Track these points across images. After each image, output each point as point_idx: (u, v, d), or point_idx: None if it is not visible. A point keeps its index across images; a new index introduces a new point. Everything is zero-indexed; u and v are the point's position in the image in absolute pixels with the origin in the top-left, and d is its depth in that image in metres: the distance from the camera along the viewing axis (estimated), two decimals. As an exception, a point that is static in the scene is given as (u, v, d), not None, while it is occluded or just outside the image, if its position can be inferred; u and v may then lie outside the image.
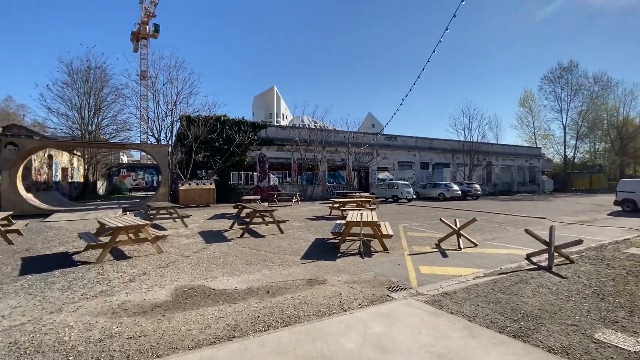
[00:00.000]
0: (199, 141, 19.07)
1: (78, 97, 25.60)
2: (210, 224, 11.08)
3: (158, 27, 61.25)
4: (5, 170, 13.17)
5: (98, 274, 5.30)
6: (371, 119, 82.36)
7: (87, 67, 25.89)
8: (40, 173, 18.55)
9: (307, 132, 24.61)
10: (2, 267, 5.70)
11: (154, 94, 21.05)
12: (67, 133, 25.70)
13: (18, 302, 4.09)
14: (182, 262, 6.06)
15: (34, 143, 14.58)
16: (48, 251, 6.99)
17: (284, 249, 7.27)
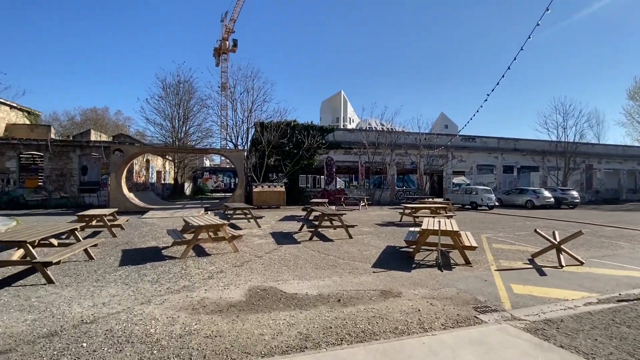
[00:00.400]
0: (271, 146, 19.98)
1: (170, 108, 29.03)
2: (280, 225, 11.37)
3: (236, 42, 66.58)
4: (113, 173, 15.40)
5: (182, 269, 5.68)
6: (444, 119, 77.66)
7: (177, 82, 29.23)
8: (139, 175, 21.38)
9: (375, 134, 24.06)
10: (106, 258, 6.49)
11: (233, 103, 22.78)
12: (161, 140, 29.27)
13: (116, 291, 4.54)
14: (255, 262, 6.20)
15: (135, 149, 16.83)
16: (143, 245, 7.82)
17: (353, 255, 7.00)
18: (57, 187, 18.19)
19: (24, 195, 17.67)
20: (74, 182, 18.43)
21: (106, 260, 6.24)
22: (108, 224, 8.79)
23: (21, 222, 11.10)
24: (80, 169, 19.03)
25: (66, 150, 18.41)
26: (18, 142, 17.92)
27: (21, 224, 10.72)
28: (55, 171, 18.17)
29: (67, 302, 4.10)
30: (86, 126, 37.46)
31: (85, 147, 18.98)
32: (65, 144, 18.73)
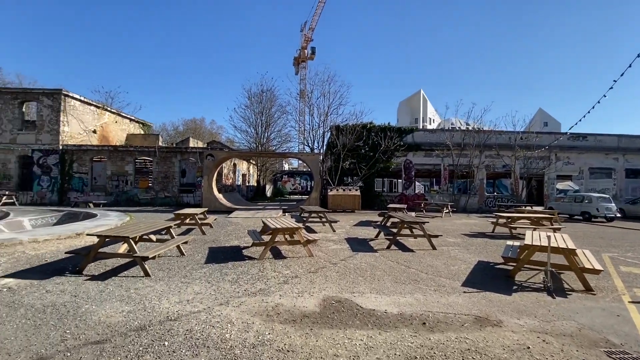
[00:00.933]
0: (346, 149, 19.83)
1: (254, 116, 31.20)
2: (355, 230, 11.00)
3: (314, 49, 68.73)
4: (205, 175, 17.03)
5: (259, 271, 5.73)
6: (543, 116, 67.91)
7: (261, 91, 31.28)
8: (227, 178, 23.35)
9: (460, 134, 22.00)
10: (195, 254, 6.98)
11: (310, 108, 23.39)
12: (246, 146, 31.62)
13: (199, 289, 4.73)
14: (330, 269, 5.95)
15: (223, 154, 18.41)
16: (226, 243, 8.27)
17: (438, 269, 6.24)
18: (162, 188, 20.95)
19: (138, 194, 20.78)
20: (175, 184, 21.01)
21: (194, 257, 6.70)
22: (199, 223, 9.57)
23: (133, 218, 12.93)
24: (180, 172, 21.60)
25: (169, 156, 21.10)
26: (134, 149, 21.21)
27: (133, 219, 12.46)
28: (161, 174, 20.97)
29: (157, 296, 4.39)
30: (186, 135, 42.79)
31: (184, 152, 21.49)
32: (169, 150, 21.49)
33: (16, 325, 3.42)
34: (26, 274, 5.20)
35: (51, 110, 20.45)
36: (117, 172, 20.85)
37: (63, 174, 20.48)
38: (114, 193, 20.60)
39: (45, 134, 20.45)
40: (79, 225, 9.73)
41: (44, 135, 20.44)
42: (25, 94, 20.99)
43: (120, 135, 26.35)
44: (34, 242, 7.35)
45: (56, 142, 20.33)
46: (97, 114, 23.75)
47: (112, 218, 11.89)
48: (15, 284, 4.71)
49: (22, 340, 3.10)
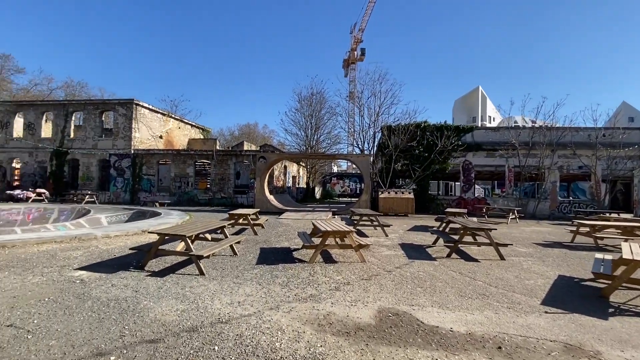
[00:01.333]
0: (398, 150, 19.03)
1: (304, 119, 31.62)
2: (410, 236, 10.36)
3: (364, 50, 68.06)
4: (258, 177, 17.51)
5: (310, 275, 5.53)
6: (628, 110, 59.26)
7: (311, 94, 31.62)
8: (278, 179, 23.85)
9: (528, 132, 19.88)
10: (247, 254, 7.02)
11: (360, 108, 22.95)
12: (296, 148, 32.14)
13: (250, 291, 4.65)
14: (384, 277, 5.54)
15: (274, 157, 18.80)
16: (277, 244, 8.25)
17: (510, 283, 5.49)
18: (219, 189, 22.06)
19: (197, 194, 22.12)
20: (230, 185, 21.98)
21: (246, 257, 6.73)
22: (251, 223, 9.74)
23: (192, 217, 13.67)
24: (235, 174, 22.56)
25: (225, 159, 22.16)
26: (194, 152, 22.65)
27: (192, 218, 13.16)
28: (218, 176, 22.09)
29: (210, 296, 4.38)
30: (241, 139, 44.90)
31: (239, 155, 22.41)
32: (225, 154, 22.57)
33: (83, 317, 3.59)
34: (97, 268, 5.59)
35: (125, 118, 22.70)
36: (180, 174, 22.43)
37: (134, 175, 22.57)
38: (177, 193, 22.17)
39: (120, 139, 22.74)
40: (144, 223, 10.48)
41: (119, 141, 22.74)
42: (104, 105, 23.60)
43: (183, 140, 28.39)
44: (106, 238, 8.01)
45: (129, 147, 22.49)
46: (163, 121, 25.84)
47: (174, 217, 12.66)
48: (87, 277, 5.06)
49: (86, 333, 3.22)
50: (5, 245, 6.63)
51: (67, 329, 3.28)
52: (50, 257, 6.18)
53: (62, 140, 23.26)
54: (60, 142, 23.24)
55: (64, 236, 7.54)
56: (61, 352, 2.83)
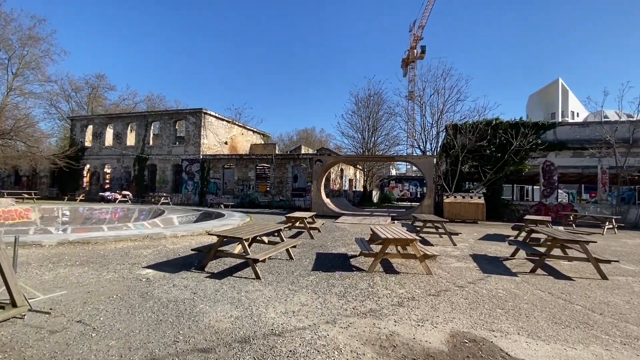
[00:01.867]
0: (465, 150, 17.47)
1: (361, 121, 31.09)
2: (482, 246, 9.25)
3: (424, 48, 65.16)
4: (315, 180, 17.48)
5: (369, 286, 5.08)
6: None
7: (368, 95, 30.99)
8: (335, 183, 23.65)
9: (628, 126, 16.78)
10: (303, 259, 6.81)
11: (421, 107, 21.69)
12: (353, 151, 31.70)
13: (306, 300, 4.36)
14: (455, 294, 4.84)
15: (331, 159, 18.62)
16: (334, 250, 7.92)
17: (620, 310, 4.40)
18: (277, 192, 22.61)
19: (258, 197, 22.94)
20: (288, 188, 22.39)
21: (302, 262, 6.51)
22: (307, 227, 9.58)
23: (252, 218, 14.05)
24: (293, 177, 22.94)
25: (284, 162, 22.65)
26: (255, 157, 23.57)
27: (252, 220, 13.52)
28: (276, 179, 22.67)
29: (265, 303, 4.20)
30: (299, 143, 45.91)
31: (296, 159, 22.74)
32: (283, 158, 23.09)
33: (143, 318, 3.63)
34: (162, 267, 5.83)
35: (195, 126, 24.57)
36: (242, 177, 23.51)
37: (202, 179, 24.27)
38: (240, 196, 23.26)
39: (190, 146, 24.66)
40: (209, 224, 10.98)
41: (190, 147, 24.67)
42: (177, 115, 25.86)
43: (245, 146, 29.85)
44: (173, 237, 8.48)
45: (198, 153, 24.26)
46: (228, 128, 27.44)
47: (236, 218, 13.13)
48: (152, 276, 5.26)
49: (143, 335, 3.21)
50: (90, 242, 7.34)
51: (127, 329, 3.32)
52: (124, 254, 6.65)
53: (143, 148, 26.01)
54: (141, 149, 26.03)
55: (137, 235, 8.14)
56: (118, 355, 2.82)
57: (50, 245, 6.91)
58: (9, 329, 3.23)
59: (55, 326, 3.34)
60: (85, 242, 7.27)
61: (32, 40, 30.99)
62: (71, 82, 42.02)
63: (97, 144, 27.69)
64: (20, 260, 5.80)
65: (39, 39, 31.55)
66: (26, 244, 6.76)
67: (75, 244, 7.16)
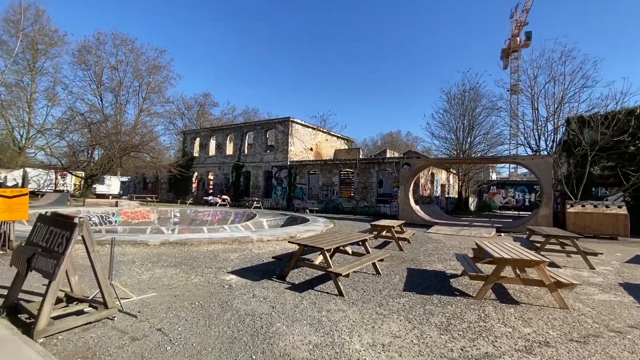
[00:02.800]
0: (597, 147, 13.99)
1: (454, 120, 28.26)
2: (636, 271, 6.94)
3: (530, 34, 56.92)
4: (402, 185, 16.25)
5: (479, 319, 3.99)
6: None
7: (462, 91, 27.99)
8: (425, 188, 21.80)
9: None
10: (392, 275, 5.97)
11: (532, 98, 18.33)
12: (445, 154, 29.01)
13: (398, 329, 3.57)
14: (612, 343, 3.42)
15: (420, 162, 17.10)
16: (428, 266, 6.85)
17: None
18: (361, 197, 21.93)
19: (342, 202, 22.64)
20: (372, 194, 21.51)
21: (391, 279, 5.69)
22: (396, 236, 8.65)
23: (336, 225, 13.66)
24: (377, 182, 21.97)
25: (368, 167, 21.88)
26: (339, 162, 23.38)
27: (335, 226, 13.12)
28: (360, 184, 22.02)
29: (349, 328, 3.56)
30: (383, 147, 44.53)
31: (381, 163, 21.73)
32: (368, 162, 22.33)
33: (218, 332, 3.36)
34: (245, 273, 5.71)
35: (283, 134, 25.74)
36: (326, 182, 23.57)
37: (290, 184, 25.17)
38: (324, 201, 23.33)
39: (279, 153, 25.89)
40: (293, 229, 10.93)
41: (278, 154, 25.90)
42: (268, 124, 27.51)
43: (330, 151, 30.06)
44: (259, 242, 8.55)
45: (286, 160, 25.29)
46: (313, 135, 28.03)
47: (319, 224, 12.91)
48: (235, 282, 5.13)
49: (216, 355, 2.90)
50: (186, 243, 7.83)
51: (201, 346, 3.06)
52: (213, 257, 6.83)
53: (239, 156, 28.38)
54: (238, 157, 28.44)
55: (227, 238, 8.44)
56: (185, 379, 2.52)
57: (155, 245, 7.57)
58: (98, 330, 3.28)
59: (137, 332, 3.29)
60: (182, 243, 7.78)
61: (155, 69, 37.17)
62: (184, 102, 49.07)
63: (203, 153, 31.36)
64: (128, 258, 6.40)
65: (160, 67, 37.69)
66: (137, 243, 7.53)
67: (174, 244, 7.72)
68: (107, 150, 26.12)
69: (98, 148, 26.97)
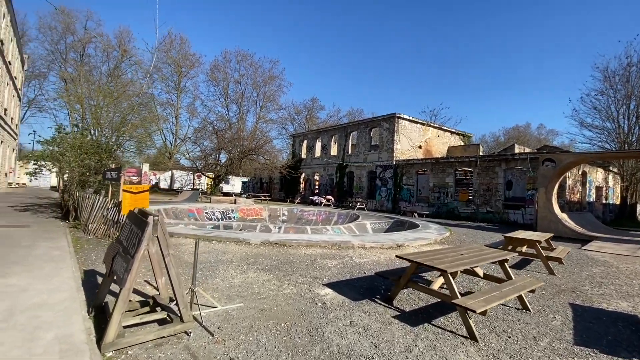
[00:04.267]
0: None
1: (615, 104, 21.69)
2: None
3: None
4: (542, 187, 12.87)
5: None
6: None
7: (627, 65, 21.24)
8: (573, 192, 17.11)
9: None
10: (547, 313, 4.14)
11: None
12: (601, 147, 22.57)
13: None
14: None
15: (570, 157, 13.22)
16: (604, 303, 4.65)
17: None
18: (483, 201, 18.68)
19: (457, 207, 19.77)
20: (498, 197, 18.04)
21: (548, 320, 3.91)
22: (543, 255, 6.45)
23: (453, 233, 11.60)
24: (505, 183, 18.36)
25: (492, 165, 18.48)
26: (454, 160, 20.53)
27: (453, 235, 11.12)
28: (482, 186, 18.78)
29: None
30: (507, 144, 37.97)
31: (510, 160, 18.05)
32: (492, 159, 18.89)
33: (299, 380, 2.49)
34: (343, 288, 4.79)
35: (388, 132, 24.27)
36: (439, 183, 21.03)
37: (395, 185, 23.52)
38: (435, 204, 20.87)
39: (384, 152, 24.52)
40: (400, 236, 9.57)
41: (383, 154, 24.54)
42: (372, 122, 26.44)
43: (442, 149, 27.04)
44: (361, 249, 7.56)
45: (391, 159, 23.75)
46: (422, 131, 25.64)
47: (432, 231, 11.17)
48: (330, 300, 4.26)
49: None
50: (285, 244, 7.44)
51: (274, 400, 2.22)
52: (310, 263, 6.15)
53: (343, 156, 28.17)
54: (341, 158, 28.28)
55: (327, 241, 7.74)
56: None
57: (255, 244, 7.40)
58: (170, 349, 2.81)
59: (208, 358, 2.69)
60: (281, 244, 7.42)
61: (270, 79, 40.55)
62: (294, 107, 52.27)
63: (309, 155, 32.44)
64: (227, 257, 6.27)
65: (274, 77, 40.92)
66: (239, 241, 7.51)
67: (274, 244, 7.42)
68: (230, 153, 29.49)
69: (223, 152, 30.71)
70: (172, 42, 37.96)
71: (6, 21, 19.56)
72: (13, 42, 22.66)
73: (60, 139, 10.35)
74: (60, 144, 10.28)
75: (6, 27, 19.65)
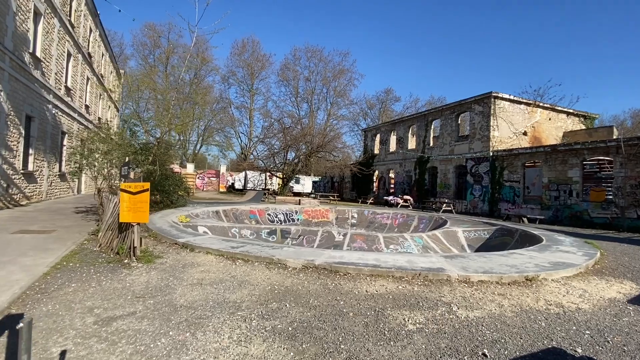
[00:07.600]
0: None
1: None
2: None
3: None
4: None
5: None
6: None
7: None
8: None
9: None
10: None
11: None
12: None
13: None
14: None
15: None
16: None
17: None
18: (630, 203, 13.26)
19: (588, 210, 14.54)
20: (659, 197, 12.50)
21: None
22: None
23: (605, 254, 7.51)
24: (670, 177, 12.68)
25: (645, 152, 12.97)
26: (582, 146, 15.21)
27: (605, 257, 7.13)
28: (629, 181, 13.36)
29: None
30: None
31: (679, 143, 12.35)
32: (644, 143, 13.31)
33: None
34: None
35: (481, 116, 19.72)
36: (556, 179, 15.94)
37: (493, 182, 18.89)
38: (552, 207, 15.84)
39: (476, 141, 20.04)
40: (525, 259, 6.11)
41: (475, 143, 20.07)
42: (460, 107, 22.01)
43: (555, 134, 21.17)
44: (464, 284, 4.54)
45: (486, 149, 19.20)
46: (527, 113, 20.33)
47: (569, 249, 7.33)
48: None
49: None
50: (338, 270, 4.87)
51: None
52: (372, 319, 3.43)
53: (423, 149, 24.27)
54: (421, 151, 24.41)
55: (404, 269, 4.91)
56: None
57: (293, 268, 5.00)
58: None
59: None
60: (331, 271, 4.88)
61: (340, 72, 38.42)
62: (367, 101, 49.19)
63: (383, 150, 29.17)
64: (237, 296, 3.89)
65: (345, 70, 38.71)
66: (272, 263, 5.20)
67: (320, 270, 4.91)
68: (298, 151, 28.12)
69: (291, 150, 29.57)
70: (245, 45, 38.65)
71: (94, 35, 21.11)
72: (105, 57, 24.73)
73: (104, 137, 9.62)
74: (105, 142, 9.50)
75: (94, 41, 21.22)
